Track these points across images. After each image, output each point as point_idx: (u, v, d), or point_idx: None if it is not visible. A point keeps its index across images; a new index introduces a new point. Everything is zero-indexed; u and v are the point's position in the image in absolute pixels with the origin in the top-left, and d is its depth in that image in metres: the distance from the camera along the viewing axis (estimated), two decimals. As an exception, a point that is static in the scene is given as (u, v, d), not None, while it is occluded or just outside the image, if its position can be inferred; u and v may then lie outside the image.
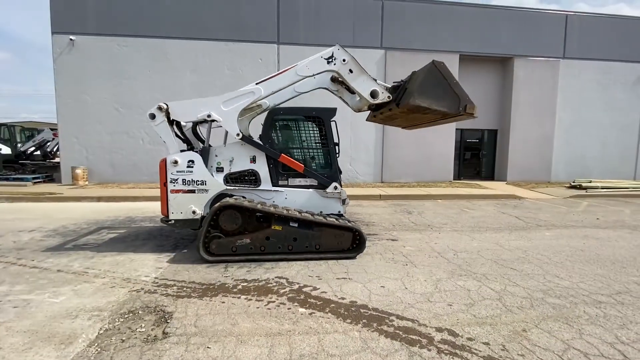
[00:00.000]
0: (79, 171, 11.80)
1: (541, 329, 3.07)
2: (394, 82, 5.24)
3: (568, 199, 11.07)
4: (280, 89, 5.18)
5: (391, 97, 5.01)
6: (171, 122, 5.15)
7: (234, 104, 5.04)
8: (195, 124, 5.81)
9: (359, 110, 5.69)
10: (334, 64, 4.95)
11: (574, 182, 13.32)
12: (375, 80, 5.13)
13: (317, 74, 5.11)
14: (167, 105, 4.99)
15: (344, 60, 4.94)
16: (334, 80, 5.57)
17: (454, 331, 3.02)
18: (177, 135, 5.39)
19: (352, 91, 5.38)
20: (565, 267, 4.72)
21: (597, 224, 7.53)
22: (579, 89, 14.74)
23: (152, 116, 5.00)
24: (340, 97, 5.75)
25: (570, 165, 14.99)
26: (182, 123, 5.62)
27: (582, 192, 12.00)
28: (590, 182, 12.92)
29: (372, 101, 5.04)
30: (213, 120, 5.04)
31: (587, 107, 14.87)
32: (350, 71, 4.97)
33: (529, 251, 5.41)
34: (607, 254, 5.31)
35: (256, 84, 5.09)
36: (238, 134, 5.03)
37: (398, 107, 4.75)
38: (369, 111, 5.84)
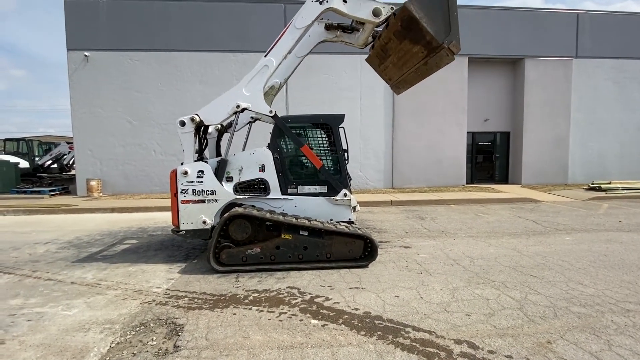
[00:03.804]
0: (93, 183, 12.06)
1: (567, 340, 2.91)
2: None
3: (587, 202, 10.72)
4: (288, 52, 5.19)
5: (394, 9, 4.79)
6: (196, 132, 5.17)
7: (254, 84, 5.09)
8: (221, 134, 5.79)
9: (366, 44, 5.41)
10: (327, 1, 4.84)
11: (592, 183, 12.91)
12: None
13: (315, 19, 5.01)
14: (199, 117, 5.02)
15: None
16: (328, 27, 5.40)
17: (474, 343, 2.88)
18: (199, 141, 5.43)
19: (350, 29, 5.30)
20: (589, 273, 4.51)
21: (620, 227, 7.24)
22: (594, 88, 14.38)
23: (182, 123, 5.03)
24: (342, 42, 5.55)
25: (587, 166, 14.56)
26: (209, 130, 5.64)
27: (602, 194, 11.60)
28: (610, 183, 12.48)
29: (377, 20, 4.84)
30: (244, 110, 5.07)
31: (603, 106, 14.48)
32: (345, 1, 4.83)
33: (549, 257, 5.21)
34: (633, 259, 5.07)
35: (264, 56, 5.10)
36: (271, 111, 5.09)
37: (394, 17, 4.55)
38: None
